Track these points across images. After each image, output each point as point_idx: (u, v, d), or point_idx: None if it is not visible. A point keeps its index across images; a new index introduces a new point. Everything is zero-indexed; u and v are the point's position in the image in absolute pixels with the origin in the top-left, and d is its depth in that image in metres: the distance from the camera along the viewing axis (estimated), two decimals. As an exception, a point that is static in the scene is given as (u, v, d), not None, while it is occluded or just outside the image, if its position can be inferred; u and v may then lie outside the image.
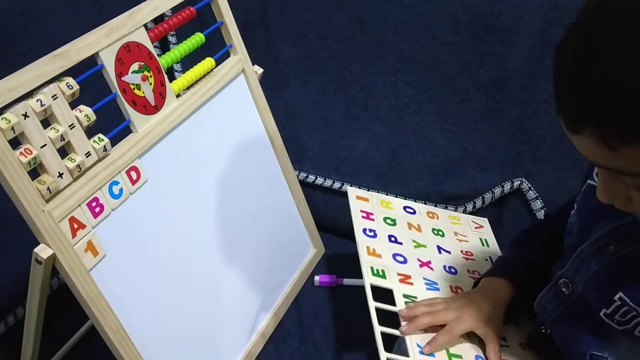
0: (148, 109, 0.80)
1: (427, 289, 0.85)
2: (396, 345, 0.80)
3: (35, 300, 0.73)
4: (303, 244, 1.14)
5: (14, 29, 0.94)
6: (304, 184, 1.16)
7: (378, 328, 0.75)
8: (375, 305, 0.78)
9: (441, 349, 0.74)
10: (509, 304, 0.79)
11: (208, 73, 0.92)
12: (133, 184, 0.78)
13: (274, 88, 1.14)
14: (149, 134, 0.80)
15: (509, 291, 0.79)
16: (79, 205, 0.70)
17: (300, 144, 1.18)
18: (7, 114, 0.63)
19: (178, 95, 0.85)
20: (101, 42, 0.73)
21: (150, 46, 0.80)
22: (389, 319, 0.78)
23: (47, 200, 0.67)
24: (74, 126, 0.70)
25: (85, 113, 0.71)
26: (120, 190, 0.76)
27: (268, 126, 1.03)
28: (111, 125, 0.75)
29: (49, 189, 0.67)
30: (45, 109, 0.66)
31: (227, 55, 0.97)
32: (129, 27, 0.77)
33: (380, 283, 0.83)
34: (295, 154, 1.16)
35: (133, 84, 0.78)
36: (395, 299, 0.82)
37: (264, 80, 1.03)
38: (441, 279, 0.88)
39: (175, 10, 0.87)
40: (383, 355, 0.72)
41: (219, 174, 0.93)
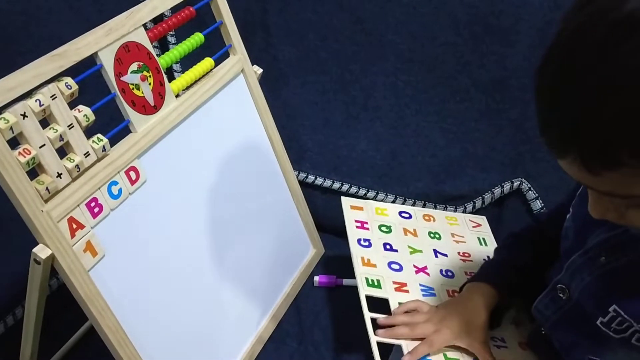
0: (147, 109, 0.80)
1: (424, 295, 0.86)
2: (392, 355, 0.80)
3: (34, 300, 0.73)
4: (302, 244, 1.14)
5: (14, 28, 0.94)
6: (303, 184, 1.16)
7: (374, 338, 0.77)
8: (370, 315, 0.80)
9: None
10: (495, 308, 0.79)
11: (207, 73, 0.91)
12: (132, 184, 0.77)
13: (274, 88, 1.14)
14: (148, 134, 0.80)
15: (494, 296, 0.79)
16: (78, 205, 0.70)
17: (300, 144, 1.18)
18: (6, 114, 0.63)
19: (177, 96, 0.85)
20: (100, 42, 0.73)
21: (149, 46, 0.80)
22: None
23: (46, 201, 0.67)
24: (73, 126, 0.70)
25: (84, 113, 0.71)
26: (119, 190, 0.76)
27: (267, 126, 1.03)
28: (110, 125, 0.75)
29: (47, 189, 0.66)
30: (44, 109, 0.66)
31: (227, 55, 0.97)
32: (128, 27, 0.77)
33: (376, 293, 0.85)
34: (294, 154, 1.15)
35: (132, 84, 0.78)
36: (391, 308, 0.83)
37: (264, 80, 1.03)
38: (437, 283, 0.89)
39: (175, 10, 0.87)
40: None
41: (218, 174, 0.93)
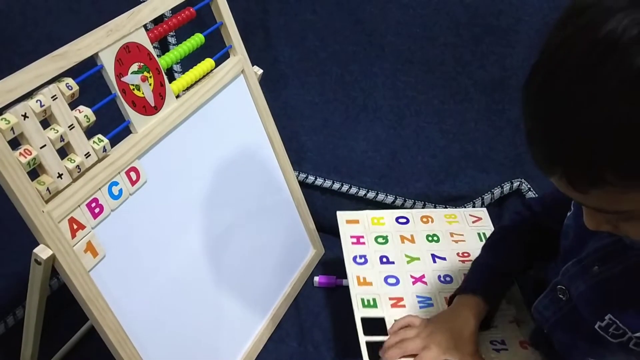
0: (148, 109, 0.80)
1: (420, 307, 0.86)
2: None
3: (35, 300, 0.73)
4: (302, 244, 1.14)
5: (14, 29, 0.94)
6: (303, 185, 1.17)
7: None
8: (365, 339, 0.81)
9: None
10: (484, 316, 0.79)
11: (208, 74, 0.92)
12: (132, 185, 0.78)
13: (274, 89, 1.14)
14: (148, 135, 0.80)
15: (483, 306, 0.78)
16: (79, 205, 0.70)
17: (300, 145, 1.19)
18: (7, 115, 0.63)
19: (178, 96, 0.86)
20: (101, 43, 0.73)
21: (149, 47, 0.80)
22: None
23: (47, 201, 0.67)
24: (74, 127, 0.70)
25: (85, 114, 0.71)
26: (120, 190, 0.76)
27: (268, 127, 1.03)
28: (111, 125, 0.75)
29: (48, 189, 0.67)
30: (45, 110, 0.66)
31: (227, 56, 0.97)
32: (128, 28, 0.77)
33: (372, 314, 0.86)
34: (294, 154, 1.16)
35: (133, 85, 0.78)
36: (387, 326, 0.83)
37: (264, 81, 1.03)
38: (435, 291, 0.89)
39: (175, 10, 0.87)
40: None
41: (218, 175, 0.93)
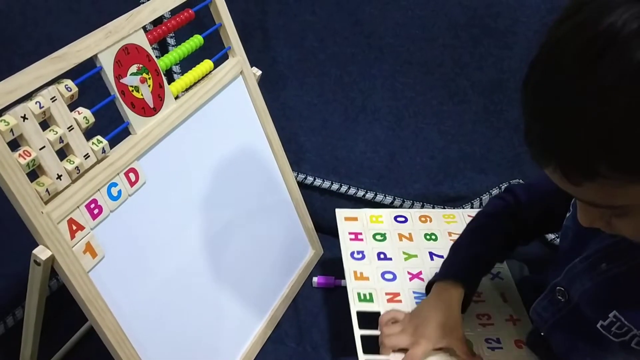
0: (147, 110, 0.80)
1: (417, 303, 0.86)
2: None
3: (34, 301, 0.73)
4: (301, 245, 1.15)
5: (14, 29, 0.94)
6: (302, 186, 1.17)
7: (363, 357, 0.77)
8: (360, 333, 0.81)
9: None
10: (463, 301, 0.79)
11: (207, 75, 0.92)
12: (132, 186, 0.78)
13: (273, 90, 1.14)
14: (147, 136, 0.80)
15: (463, 293, 0.78)
16: (78, 206, 0.71)
17: (299, 146, 1.19)
18: (6, 116, 0.63)
19: (177, 97, 0.86)
20: (100, 45, 0.73)
21: (148, 48, 0.80)
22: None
23: (46, 202, 0.67)
24: (73, 128, 0.70)
25: (84, 115, 0.71)
26: (119, 191, 0.76)
27: (266, 128, 1.03)
28: (110, 127, 0.76)
29: (47, 190, 0.67)
30: (44, 111, 0.67)
31: (226, 57, 0.97)
32: (127, 30, 0.77)
33: (367, 308, 0.86)
34: (293, 155, 1.16)
35: (132, 86, 0.78)
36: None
37: (263, 82, 1.04)
38: None
39: (174, 12, 0.87)
40: None
41: (217, 176, 0.93)
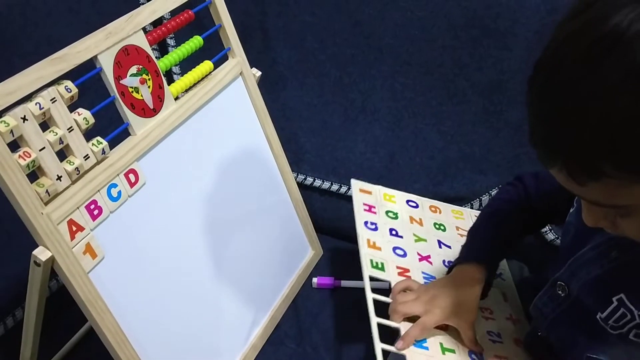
0: (146, 111, 0.81)
1: (425, 283, 0.85)
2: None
3: (34, 302, 0.73)
4: (301, 245, 1.15)
5: (14, 30, 0.95)
6: (302, 186, 1.17)
7: (375, 319, 0.75)
8: (373, 296, 0.78)
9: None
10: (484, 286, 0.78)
11: (206, 76, 0.92)
12: (131, 187, 0.78)
13: (272, 90, 1.14)
14: (147, 137, 0.80)
15: (483, 276, 0.78)
16: (78, 207, 0.71)
17: (299, 146, 1.19)
18: (6, 117, 0.64)
19: (176, 98, 0.86)
20: (100, 46, 0.73)
21: (148, 49, 0.80)
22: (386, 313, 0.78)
23: (46, 203, 0.67)
24: (73, 129, 0.70)
25: (84, 116, 0.72)
26: (119, 192, 0.76)
27: (266, 128, 1.03)
28: (110, 128, 0.76)
29: (47, 191, 0.67)
30: (44, 112, 0.67)
31: (226, 58, 0.97)
32: (127, 31, 0.77)
33: (379, 275, 0.83)
34: (293, 156, 1.16)
35: (131, 87, 0.78)
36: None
37: (262, 83, 1.04)
38: (440, 273, 0.88)
39: (174, 13, 0.87)
40: (378, 345, 0.71)
41: (217, 176, 0.93)
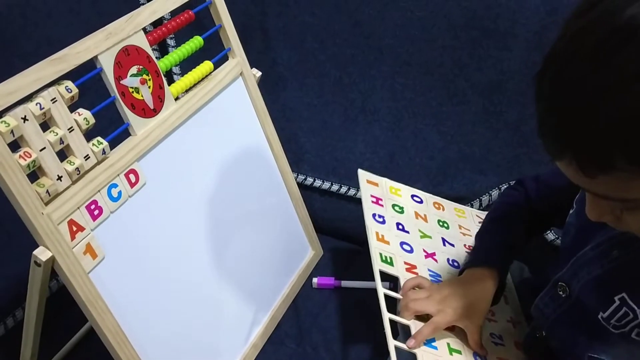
0: (147, 112, 0.81)
1: (432, 281, 0.85)
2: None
3: (35, 302, 0.73)
4: (301, 246, 1.15)
5: (14, 31, 0.95)
6: (302, 186, 1.17)
7: (387, 315, 0.73)
8: (383, 291, 0.76)
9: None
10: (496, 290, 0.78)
11: (207, 76, 0.92)
12: (132, 187, 0.78)
13: (272, 91, 1.14)
14: (147, 137, 0.80)
15: (496, 281, 0.77)
16: (78, 207, 0.71)
17: (299, 146, 1.19)
18: (7, 117, 0.64)
19: (177, 99, 0.86)
20: (100, 46, 0.73)
21: (149, 49, 0.81)
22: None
23: (46, 203, 0.67)
24: (73, 129, 0.70)
25: (84, 116, 0.72)
26: (119, 193, 0.76)
27: (266, 129, 1.04)
28: (110, 128, 0.76)
29: (48, 191, 0.67)
30: (45, 113, 0.67)
31: (226, 58, 0.97)
32: (127, 31, 0.77)
33: (388, 270, 0.82)
34: (293, 156, 1.16)
35: (132, 87, 0.78)
36: (401, 286, 0.80)
37: (262, 83, 1.04)
38: (445, 272, 0.88)
39: (174, 13, 0.87)
40: (391, 342, 0.70)
41: (217, 177, 0.93)
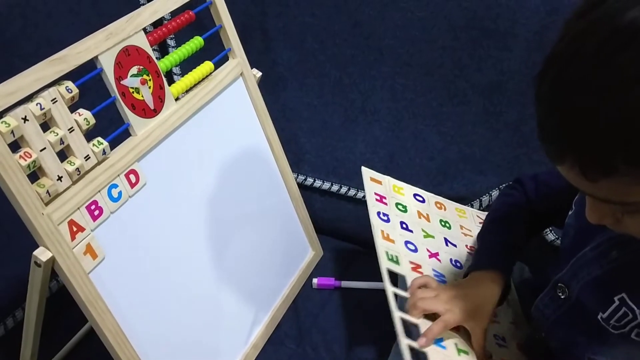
0: (147, 112, 0.81)
1: (437, 281, 0.84)
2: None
3: (35, 302, 0.73)
4: (301, 246, 1.15)
5: (14, 31, 0.95)
6: (302, 187, 1.17)
7: (397, 313, 0.72)
8: (392, 290, 0.75)
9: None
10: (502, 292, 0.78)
11: (207, 76, 0.92)
12: (132, 187, 0.78)
13: (273, 91, 1.14)
14: (147, 137, 0.80)
15: (501, 282, 0.77)
16: (78, 208, 0.71)
17: (299, 147, 1.19)
18: (7, 118, 0.64)
19: (177, 99, 0.86)
20: (100, 46, 0.73)
21: (149, 50, 0.81)
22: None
23: (47, 204, 0.67)
24: (74, 130, 0.70)
25: (85, 117, 0.72)
26: (119, 193, 0.76)
27: (267, 129, 1.04)
28: (110, 128, 0.76)
29: (48, 192, 0.67)
30: (45, 113, 0.67)
31: (226, 58, 0.97)
32: (128, 31, 0.77)
33: (394, 269, 0.81)
34: (293, 156, 1.16)
35: (132, 88, 0.78)
36: (408, 286, 0.79)
37: (263, 84, 1.04)
38: (448, 272, 0.87)
39: (175, 14, 0.87)
40: (404, 341, 0.69)
41: (218, 177, 0.93)
